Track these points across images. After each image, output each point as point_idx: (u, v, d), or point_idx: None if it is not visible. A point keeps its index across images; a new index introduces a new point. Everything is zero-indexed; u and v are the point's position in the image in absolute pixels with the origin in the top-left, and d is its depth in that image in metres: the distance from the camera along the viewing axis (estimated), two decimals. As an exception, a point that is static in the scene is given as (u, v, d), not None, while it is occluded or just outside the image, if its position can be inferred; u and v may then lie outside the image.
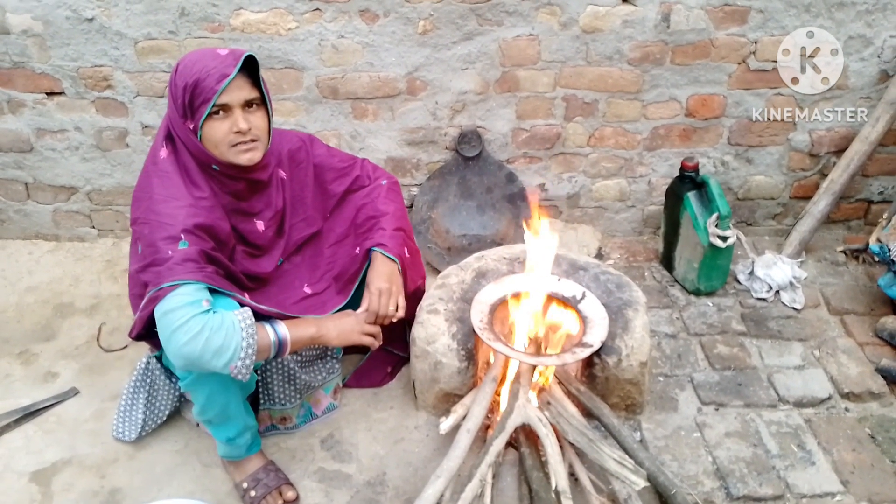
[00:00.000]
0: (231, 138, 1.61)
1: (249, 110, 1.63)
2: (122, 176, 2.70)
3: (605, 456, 1.68)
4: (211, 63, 1.56)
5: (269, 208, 1.83)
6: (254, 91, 1.62)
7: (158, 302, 1.52)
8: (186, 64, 1.59)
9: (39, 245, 2.82)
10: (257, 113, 1.65)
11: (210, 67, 1.55)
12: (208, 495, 1.85)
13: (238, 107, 1.60)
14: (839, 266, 2.67)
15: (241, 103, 1.60)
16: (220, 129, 1.60)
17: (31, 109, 2.56)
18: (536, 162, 2.71)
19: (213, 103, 1.56)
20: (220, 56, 1.58)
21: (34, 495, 1.87)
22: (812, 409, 2.10)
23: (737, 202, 2.76)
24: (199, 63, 1.57)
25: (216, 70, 1.55)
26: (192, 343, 1.49)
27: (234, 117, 1.60)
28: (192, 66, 1.57)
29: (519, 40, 2.45)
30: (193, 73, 1.56)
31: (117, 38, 2.42)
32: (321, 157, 1.95)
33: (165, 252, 1.55)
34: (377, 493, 1.87)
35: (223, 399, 1.71)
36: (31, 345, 2.36)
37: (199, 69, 1.56)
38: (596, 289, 2.05)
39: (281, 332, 1.66)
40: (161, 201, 1.61)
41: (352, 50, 2.45)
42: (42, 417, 2.09)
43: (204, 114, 1.57)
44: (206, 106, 1.56)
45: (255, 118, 1.64)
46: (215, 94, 1.55)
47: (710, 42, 2.46)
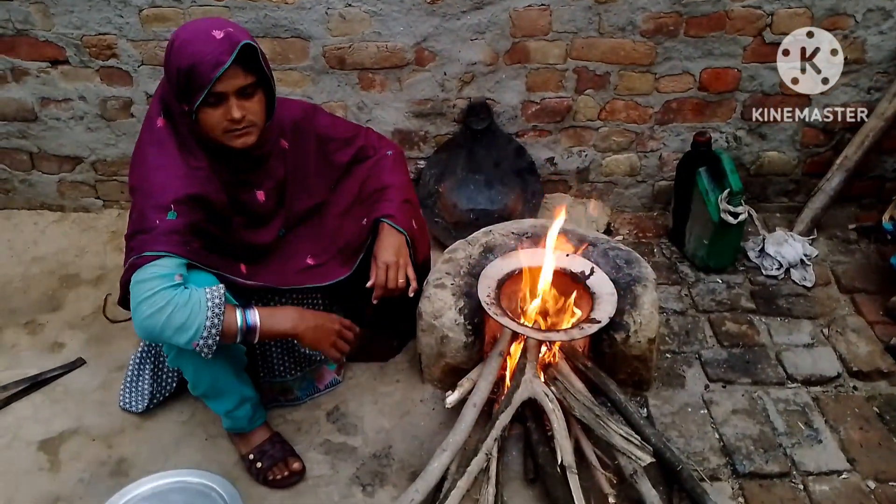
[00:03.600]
0: (225, 125, 1.57)
1: (244, 96, 1.57)
2: (126, 146, 2.67)
3: (612, 432, 1.68)
4: (205, 48, 1.50)
5: (269, 178, 1.79)
6: (249, 77, 1.56)
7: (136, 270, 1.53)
8: (181, 44, 1.53)
9: (45, 215, 2.81)
10: (253, 98, 1.59)
11: (205, 53, 1.49)
12: (215, 466, 1.86)
13: (232, 94, 1.55)
14: (851, 244, 2.64)
15: (235, 90, 1.54)
16: (214, 115, 1.56)
17: (35, 78, 2.53)
18: (546, 135, 2.67)
19: (207, 91, 1.51)
20: (216, 40, 1.51)
21: (42, 464, 1.89)
22: (820, 387, 2.09)
23: (749, 178, 2.72)
24: (193, 45, 1.51)
25: (210, 57, 1.49)
26: (154, 317, 1.49)
27: (228, 105, 1.55)
28: (187, 48, 1.51)
29: (530, 10, 2.40)
30: (187, 57, 1.50)
31: (121, 5, 2.38)
32: (324, 126, 1.91)
33: (153, 221, 1.54)
34: (383, 466, 1.87)
35: (209, 374, 1.70)
36: (38, 315, 2.37)
37: (194, 53, 1.50)
38: (605, 265, 2.03)
39: (251, 319, 1.59)
40: (154, 169, 1.59)
41: (359, 19, 2.41)
42: (49, 387, 2.10)
43: (198, 101, 1.53)
44: (200, 93, 1.51)
45: (250, 104, 1.59)
46: (209, 83, 1.49)
47: (726, 14, 2.41)
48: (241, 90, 1.56)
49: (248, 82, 1.56)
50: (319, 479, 1.85)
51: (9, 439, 1.95)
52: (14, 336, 2.28)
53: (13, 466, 1.88)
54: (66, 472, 1.86)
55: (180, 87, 1.54)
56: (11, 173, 2.75)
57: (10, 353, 2.22)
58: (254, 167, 1.75)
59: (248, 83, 1.56)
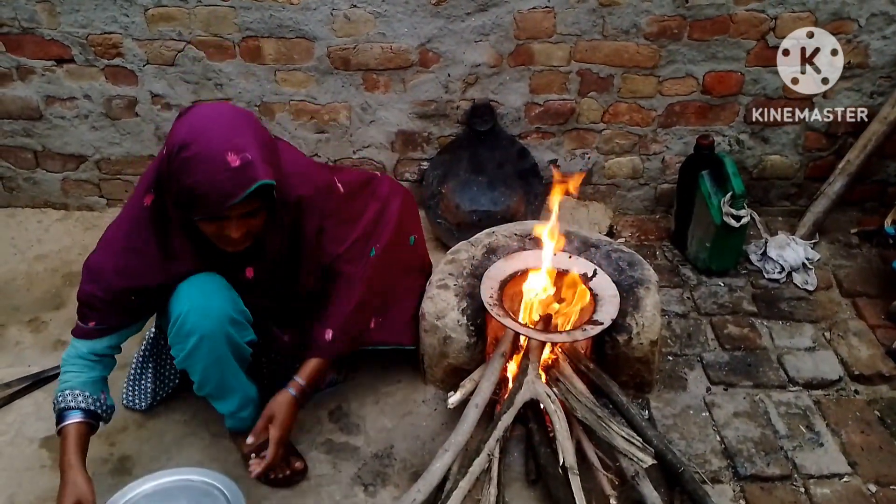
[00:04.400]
0: (221, 237, 1.53)
1: (247, 216, 1.50)
2: (130, 145, 2.68)
3: (614, 433, 1.68)
4: (218, 177, 1.39)
5: (262, 256, 1.69)
6: (255, 202, 1.47)
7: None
8: (192, 160, 1.40)
9: (49, 213, 2.82)
10: (257, 215, 1.52)
11: (216, 183, 1.39)
12: (216, 465, 1.87)
13: (235, 217, 1.48)
14: (853, 248, 2.64)
15: (239, 215, 1.48)
16: (211, 226, 1.51)
17: (40, 76, 2.54)
18: (549, 137, 2.68)
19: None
20: (231, 170, 1.39)
21: (44, 461, 1.89)
22: (821, 390, 2.09)
23: (751, 182, 2.73)
24: (204, 170, 1.39)
25: (221, 190, 1.40)
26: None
27: (229, 224, 1.49)
28: (197, 169, 1.40)
29: (534, 12, 2.41)
30: (196, 182, 1.40)
31: (127, 4, 2.38)
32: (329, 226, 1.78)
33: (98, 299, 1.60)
34: (384, 466, 1.88)
35: (217, 374, 1.71)
36: (41, 313, 2.37)
37: (204, 181, 1.40)
38: (607, 266, 2.04)
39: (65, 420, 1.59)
40: (124, 250, 1.59)
41: (364, 20, 2.41)
42: (52, 385, 2.10)
43: (197, 218, 1.49)
44: (201, 214, 1.47)
45: (252, 221, 1.52)
46: (214, 212, 1.44)
47: (729, 17, 2.41)
48: (246, 213, 1.49)
49: (254, 207, 1.49)
50: (321, 478, 1.85)
51: (11, 436, 1.95)
52: (17, 333, 2.29)
53: (15, 463, 1.88)
54: (68, 469, 1.87)
55: (180, 201, 1.47)
56: (16, 171, 2.75)
57: (13, 350, 2.23)
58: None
59: (254, 207, 1.49)
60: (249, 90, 2.56)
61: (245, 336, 1.72)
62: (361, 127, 2.64)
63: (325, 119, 2.62)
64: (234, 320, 1.67)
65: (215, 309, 1.63)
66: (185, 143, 1.42)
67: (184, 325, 1.62)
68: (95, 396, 1.64)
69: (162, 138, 2.67)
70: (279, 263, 1.74)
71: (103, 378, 1.69)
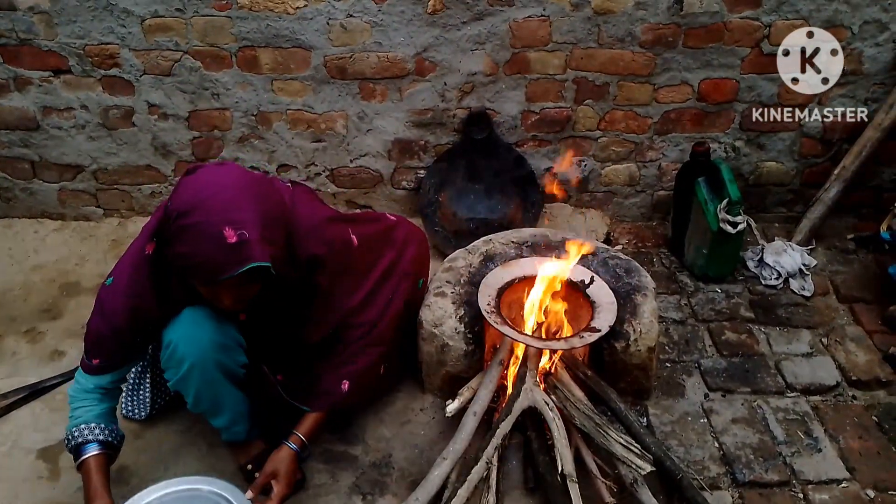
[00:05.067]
0: (214, 300, 1.53)
1: (243, 286, 1.50)
2: (127, 155, 2.69)
3: (612, 440, 1.68)
4: (213, 253, 1.38)
5: (258, 306, 1.66)
6: (249, 277, 1.44)
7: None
8: (189, 229, 1.40)
9: (45, 224, 2.82)
10: (250, 286, 1.51)
11: (209, 258, 1.39)
12: (214, 475, 1.85)
13: (228, 287, 1.47)
14: (849, 254, 2.65)
15: (231, 285, 1.47)
16: (203, 290, 1.51)
17: (38, 87, 2.54)
18: (546, 145, 2.69)
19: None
20: (226, 247, 1.38)
21: (42, 472, 1.88)
22: (819, 396, 2.09)
23: (747, 188, 2.73)
24: (200, 242, 1.39)
25: (215, 262, 1.39)
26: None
27: (221, 292, 1.49)
28: (193, 242, 1.39)
29: (530, 21, 2.42)
30: (191, 252, 1.41)
31: (124, 15, 2.39)
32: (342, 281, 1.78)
33: (106, 341, 1.63)
34: (383, 475, 1.87)
35: (210, 395, 1.72)
36: (38, 323, 2.37)
37: (198, 254, 1.40)
38: (604, 273, 2.04)
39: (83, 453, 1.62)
40: (124, 295, 1.60)
41: (360, 29, 2.42)
42: (49, 395, 2.10)
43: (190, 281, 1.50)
44: (194, 281, 1.48)
45: (246, 290, 1.52)
46: (207, 283, 1.45)
47: (724, 25, 2.43)
48: (241, 284, 1.48)
49: (250, 280, 1.47)
50: (320, 487, 1.84)
51: (8, 447, 1.94)
52: (14, 344, 2.28)
53: (13, 474, 1.87)
54: (65, 480, 1.86)
55: (176, 266, 1.49)
56: (13, 181, 2.75)
57: (10, 360, 2.22)
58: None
59: (250, 280, 1.47)
60: (246, 99, 2.56)
61: (237, 359, 1.72)
62: (358, 136, 2.65)
63: (322, 128, 2.63)
64: (224, 346, 1.67)
65: (203, 337, 1.64)
66: (186, 210, 1.40)
67: (175, 353, 1.63)
68: (110, 428, 1.66)
69: (159, 148, 2.67)
70: (276, 313, 1.73)
71: (112, 409, 1.71)
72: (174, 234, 1.43)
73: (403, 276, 1.95)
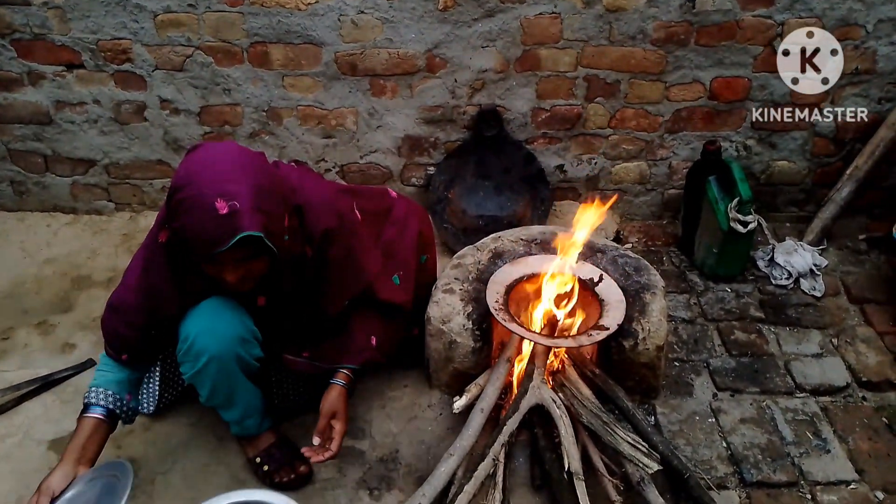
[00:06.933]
0: (220, 279, 1.53)
1: (245, 261, 1.49)
2: (139, 150, 2.70)
3: (619, 439, 1.68)
4: (205, 225, 1.39)
5: (276, 288, 1.68)
6: (245, 250, 1.44)
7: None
8: (184, 202, 1.40)
9: (58, 217, 2.84)
10: (256, 260, 1.50)
11: (203, 231, 1.39)
12: (222, 468, 1.87)
13: (230, 262, 1.47)
14: (861, 254, 2.63)
15: (233, 260, 1.47)
16: (209, 268, 1.51)
17: (51, 82, 2.56)
18: (556, 143, 2.68)
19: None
20: (218, 218, 1.38)
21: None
22: (829, 397, 2.08)
23: (758, 187, 2.72)
24: (193, 215, 1.40)
25: (208, 237, 1.39)
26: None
27: (224, 269, 1.49)
28: (187, 216, 1.40)
29: (541, 18, 2.42)
30: (185, 226, 1.42)
31: (137, 10, 2.41)
32: (356, 255, 1.79)
33: (123, 330, 1.67)
34: (389, 470, 1.88)
35: (226, 389, 1.73)
36: (50, 316, 2.39)
37: (192, 226, 1.40)
38: (614, 272, 2.04)
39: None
40: (139, 289, 1.64)
41: (371, 26, 2.43)
42: (60, 388, 2.12)
43: (195, 259, 1.49)
44: (196, 257, 1.47)
45: (251, 265, 1.51)
46: (205, 256, 1.44)
47: (736, 23, 2.41)
48: (242, 258, 1.48)
49: (246, 254, 1.47)
50: (327, 482, 1.85)
51: (20, 438, 1.96)
52: (26, 336, 2.30)
53: (24, 465, 1.89)
54: (75, 471, 1.88)
55: (179, 243, 1.53)
56: (26, 175, 2.78)
57: (21, 353, 2.24)
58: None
59: (246, 255, 1.47)
60: (257, 95, 2.57)
61: (253, 353, 1.73)
62: (368, 132, 2.66)
63: (333, 124, 2.64)
64: (242, 339, 1.68)
65: (224, 330, 1.64)
66: (182, 185, 1.42)
67: (193, 346, 1.63)
68: (119, 396, 1.68)
69: (170, 143, 2.69)
70: (296, 293, 1.74)
71: (133, 379, 1.73)
72: (172, 209, 1.45)
73: (407, 252, 1.97)
